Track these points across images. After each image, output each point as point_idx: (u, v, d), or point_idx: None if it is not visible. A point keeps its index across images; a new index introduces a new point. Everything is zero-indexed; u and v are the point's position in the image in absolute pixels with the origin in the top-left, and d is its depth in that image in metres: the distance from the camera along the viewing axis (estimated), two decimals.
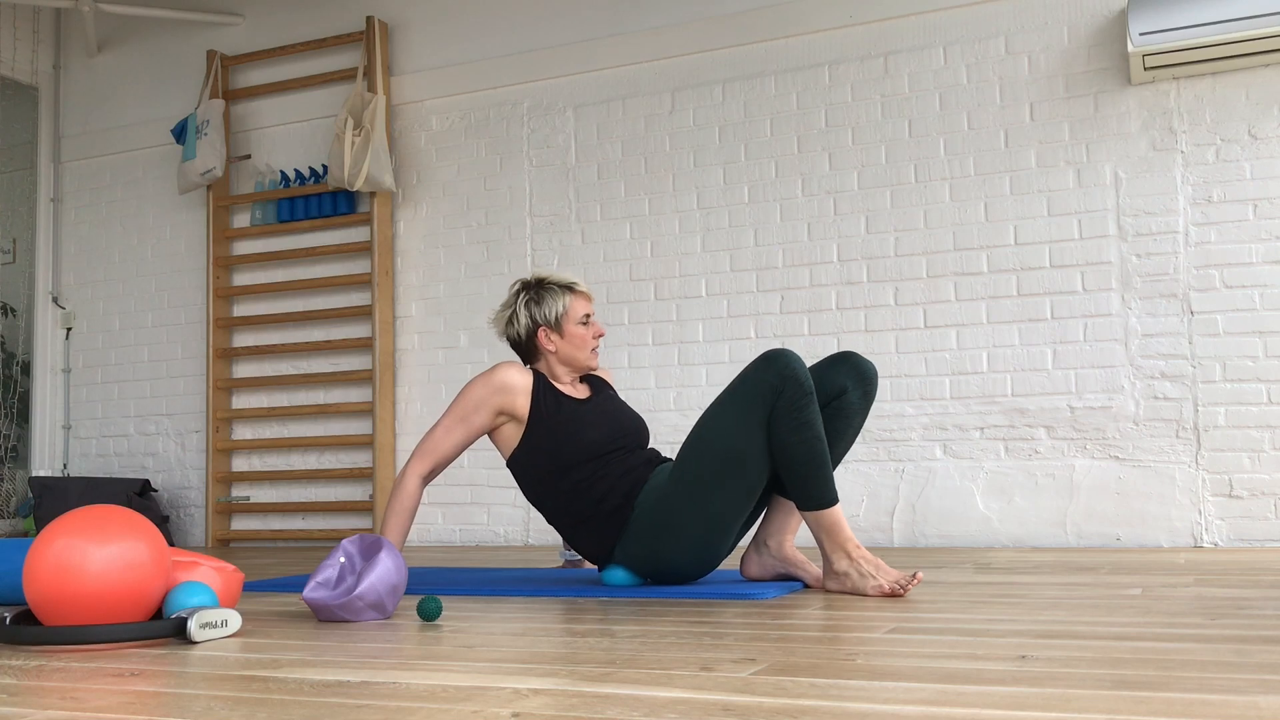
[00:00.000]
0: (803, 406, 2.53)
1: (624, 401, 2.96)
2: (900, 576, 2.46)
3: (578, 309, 2.85)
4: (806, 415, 2.54)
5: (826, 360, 2.78)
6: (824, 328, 4.48)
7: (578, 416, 2.78)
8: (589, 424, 2.77)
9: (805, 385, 2.55)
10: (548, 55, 5.03)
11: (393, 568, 2.28)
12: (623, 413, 2.88)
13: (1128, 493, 4.02)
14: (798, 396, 2.53)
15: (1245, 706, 1.24)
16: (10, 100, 6.07)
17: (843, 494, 4.37)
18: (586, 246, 4.91)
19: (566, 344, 2.84)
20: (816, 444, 2.54)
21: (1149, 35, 3.83)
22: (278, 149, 5.60)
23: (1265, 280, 3.91)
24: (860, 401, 2.74)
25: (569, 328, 2.84)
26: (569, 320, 2.84)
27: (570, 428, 2.76)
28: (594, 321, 2.88)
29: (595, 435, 2.76)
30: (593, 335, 2.87)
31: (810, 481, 2.53)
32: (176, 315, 5.73)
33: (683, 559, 2.70)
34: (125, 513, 2.02)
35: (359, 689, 1.48)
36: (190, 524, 5.63)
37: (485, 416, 2.77)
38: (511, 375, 2.77)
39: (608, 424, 2.80)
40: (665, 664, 1.62)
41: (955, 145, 4.34)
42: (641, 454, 2.81)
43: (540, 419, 2.77)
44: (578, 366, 2.88)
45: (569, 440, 2.75)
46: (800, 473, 2.54)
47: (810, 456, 2.53)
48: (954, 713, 1.24)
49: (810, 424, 2.54)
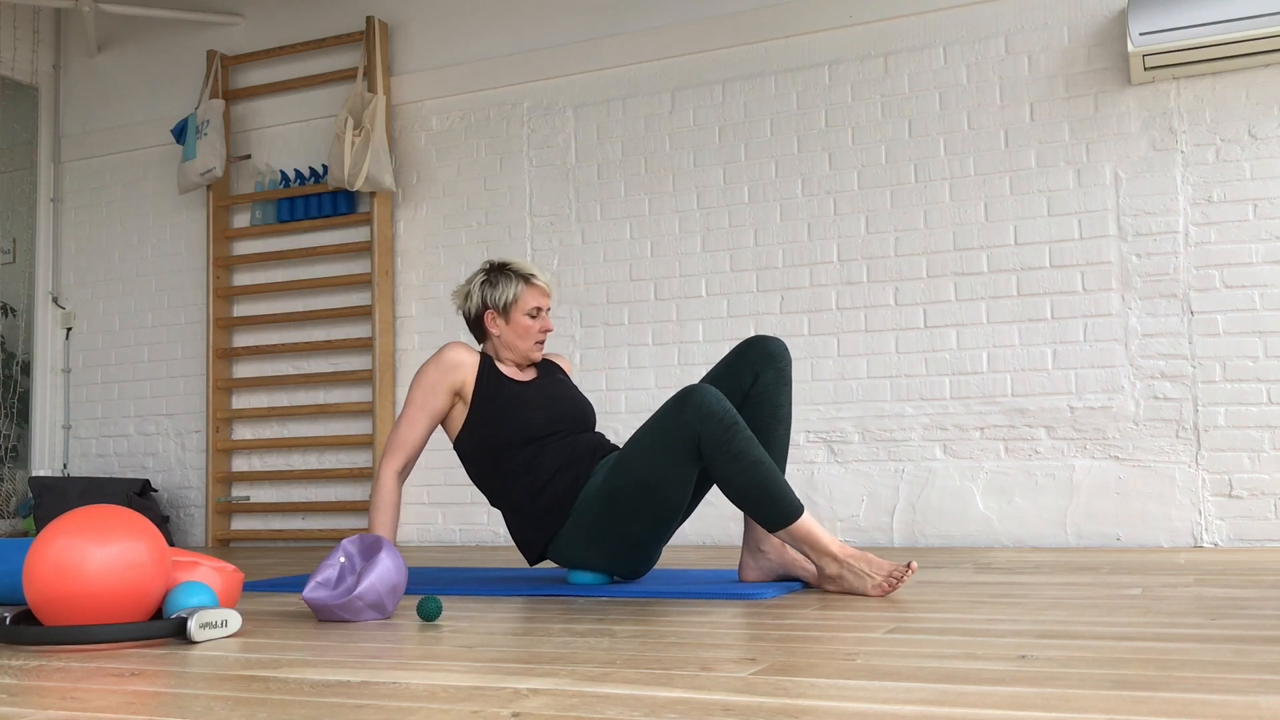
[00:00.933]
0: (729, 440, 2.51)
1: (573, 386, 3.01)
2: (893, 567, 2.46)
3: (528, 300, 2.91)
4: (735, 446, 2.51)
5: (732, 353, 2.81)
6: (824, 328, 4.48)
7: (517, 398, 2.84)
8: (528, 405, 2.83)
9: (724, 419, 2.52)
10: (548, 55, 5.03)
11: (393, 568, 2.28)
12: (565, 397, 2.92)
13: (1128, 493, 4.02)
14: (720, 432, 2.51)
15: (1245, 706, 1.24)
16: (10, 100, 6.07)
17: (843, 494, 4.37)
18: (586, 246, 4.91)
19: (510, 331, 2.91)
20: (755, 468, 2.51)
21: (1149, 35, 3.83)
22: (278, 149, 5.60)
23: (1265, 280, 3.91)
24: (775, 381, 2.76)
25: (516, 316, 2.90)
26: (517, 309, 2.90)
27: (510, 409, 2.82)
28: (545, 315, 2.93)
29: (533, 417, 2.82)
30: (539, 328, 2.92)
31: (764, 505, 2.52)
32: (176, 315, 5.73)
33: (609, 566, 2.80)
34: (125, 513, 2.02)
35: (359, 689, 1.48)
36: (190, 524, 5.63)
37: (442, 398, 2.84)
38: (459, 353, 2.86)
39: (547, 407, 2.86)
40: (665, 664, 1.62)
41: (955, 145, 4.34)
42: (584, 441, 2.85)
43: (481, 399, 2.84)
44: (518, 355, 2.94)
45: (506, 421, 2.81)
46: (751, 501, 2.53)
47: (754, 483, 2.51)
48: (954, 713, 1.24)
49: (742, 452, 2.51)
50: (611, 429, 4.71)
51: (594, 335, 4.86)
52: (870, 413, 4.39)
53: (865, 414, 4.40)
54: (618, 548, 2.75)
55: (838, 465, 4.42)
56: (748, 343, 2.80)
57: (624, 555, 2.77)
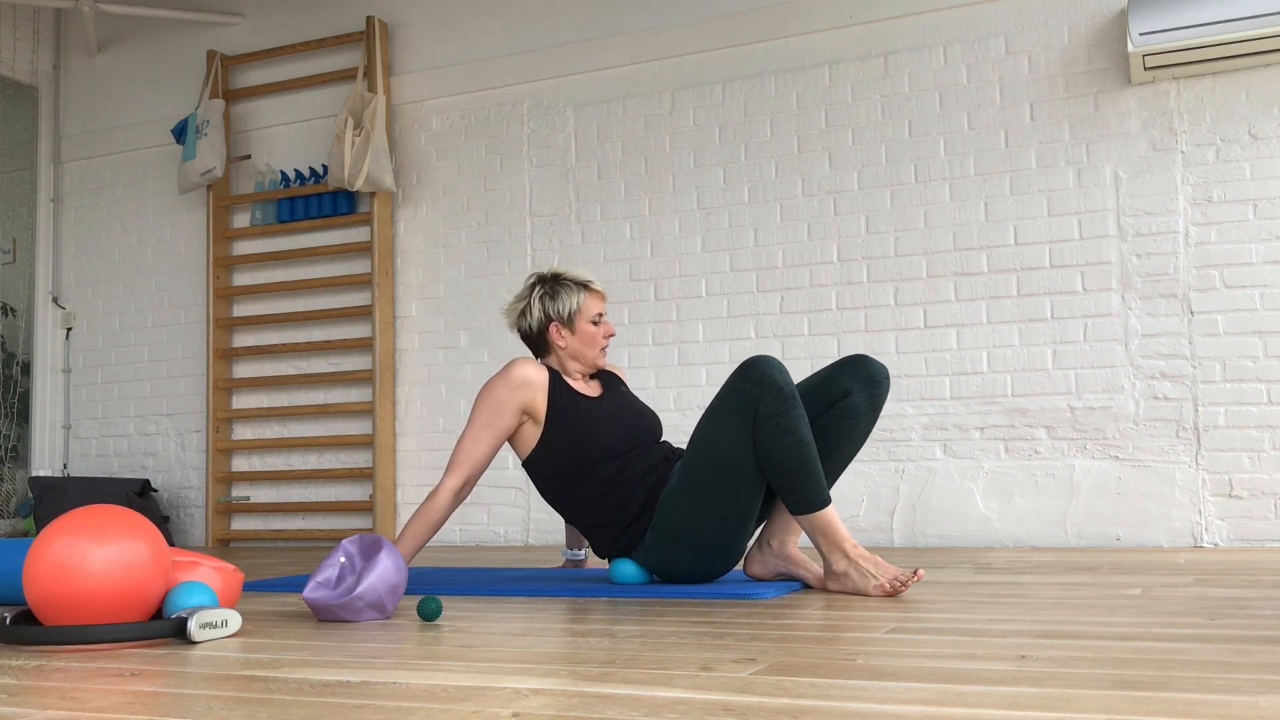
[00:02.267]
0: (783, 413, 2.52)
1: (635, 396, 2.97)
2: (900, 572, 2.46)
3: (591, 307, 2.87)
4: (787, 421, 2.52)
5: (838, 362, 2.78)
6: (824, 328, 4.48)
7: (595, 416, 2.77)
8: (606, 424, 2.77)
9: (784, 391, 2.53)
10: (548, 55, 5.03)
11: (393, 568, 2.28)
12: (636, 410, 2.89)
13: (1128, 493, 4.02)
14: (777, 404, 2.52)
15: (1245, 706, 1.24)
16: (10, 100, 6.07)
17: (842, 494, 4.37)
18: (586, 246, 4.90)
19: (577, 340, 2.85)
20: (800, 448, 2.52)
21: (1149, 35, 3.83)
22: (278, 149, 5.60)
23: (1265, 280, 3.91)
24: (866, 404, 2.72)
25: (581, 325, 2.85)
26: (581, 318, 2.86)
27: (589, 428, 2.75)
28: (605, 321, 2.90)
29: (612, 435, 2.76)
30: (603, 334, 2.89)
31: (797, 486, 2.53)
32: (176, 315, 5.73)
33: (699, 563, 2.74)
34: (125, 513, 2.02)
35: (359, 689, 1.48)
36: (190, 524, 5.63)
37: (510, 417, 2.74)
38: (529, 371, 2.76)
39: (624, 423, 2.80)
40: (665, 664, 1.62)
41: (955, 145, 4.34)
42: (658, 450, 2.82)
43: (558, 419, 2.76)
44: (586, 364, 2.89)
45: (587, 441, 2.74)
46: (787, 478, 2.54)
47: (796, 461, 2.52)
48: (954, 713, 1.24)
49: (791, 428, 2.52)
50: None
51: None
52: None
53: None
54: (706, 539, 2.69)
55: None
56: (854, 358, 2.76)
57: (713, 546, 2.71)
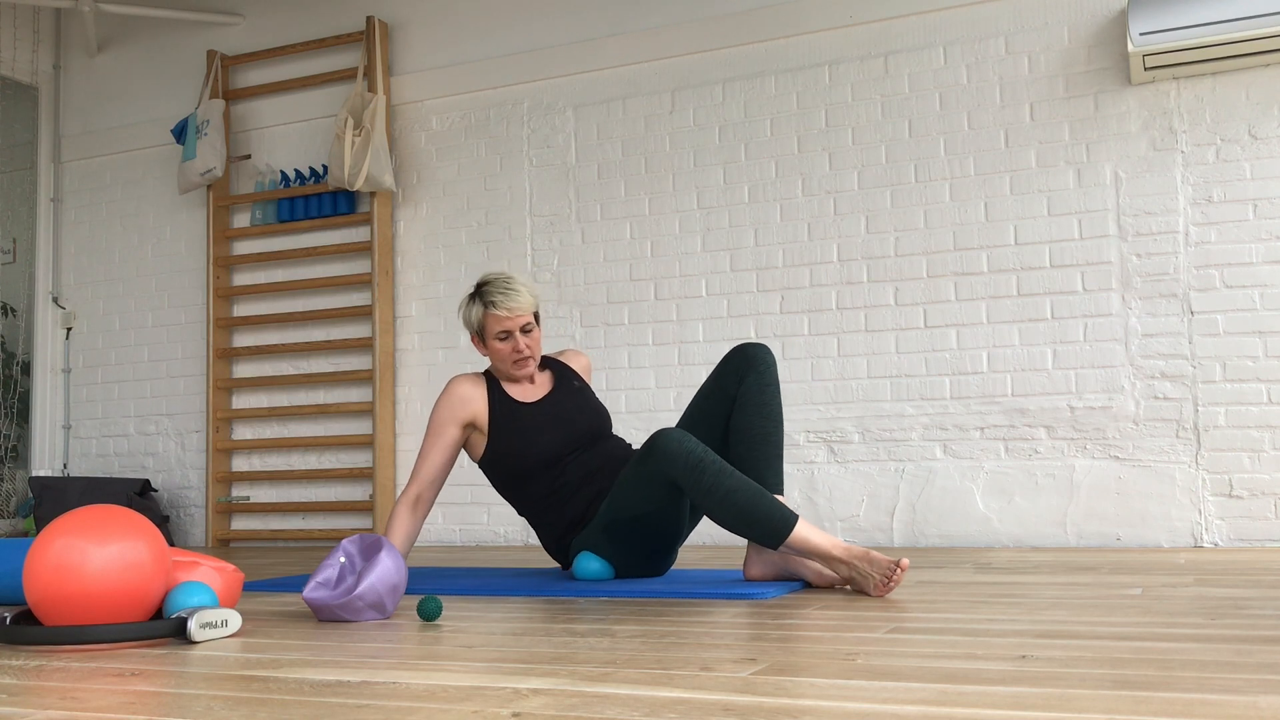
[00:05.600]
0: (698, 478, 2.56)
1: (584, 394, 3.01)
2: (887, 564, 2.46)
3: (491, 326, 2.89)
4: (705, 482, 2.55)
5: (721, 361, 2.89)
6: (824, 328, 4.48)
7: (530, 423, 2.88)
8: (542, 431, 2.87)
9: (689, 459, 2.56)
10: (548, 55, 5.03)
11: (393, 568, 2.28)
12: (575, 413, 2.94)
13: (1128, 493, 4.02)
14: (688, 473, 2.56)
15: (1245, 706, 1.24)
16: (10, 100, 6.07)
17: (843, 494, 4.38)
18: (586, 246, 4.91)
19: (490, 354, 2.93)
20: (732, 497, 2.54)
21: (1149, 35, 3.83)
22: (278, 149, 5.60)
23: (1265, 280, 3.91)
24: (757, 383, 2.82)
25: (488, 341, 2.92)
26: (486, 334, 2.91)
27: (525, 436, 2.87)
28: (517, 338, 2.87)
29: (548, 441, 2.87)
30: (511, 351, 2.88)
31: (754, 527, 2.56)
32: (176, 315, 5.73)
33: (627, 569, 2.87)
34: (125, 513, 2.02)
35: (359, 689, 1.48)
36: (190, 524, 5.63)
37: (453, 432, 2.88)
38: (464, 387, 2.90)
39: (559, 428, 2.89)
40: (665, 664, 1.62)
41: (955, 145, 4.34)
42: (601, 452, 2.90)
43: (497, 428, 2.88)
44: (504, 377, 2.96)
45: (525, 448, 2.86)
46: (741, 527, 2.58)
47: (735, 513, 2.55)
48: (954, 713, 1.24)
49: (714, 488, 2.55)
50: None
51: (594, 335, 4.86)
52: (870, 413, 4.39)
53: (865, 414, 4.40)
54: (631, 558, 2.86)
55: (838, 465, 4.42)
56: (732, 351, 2.88)
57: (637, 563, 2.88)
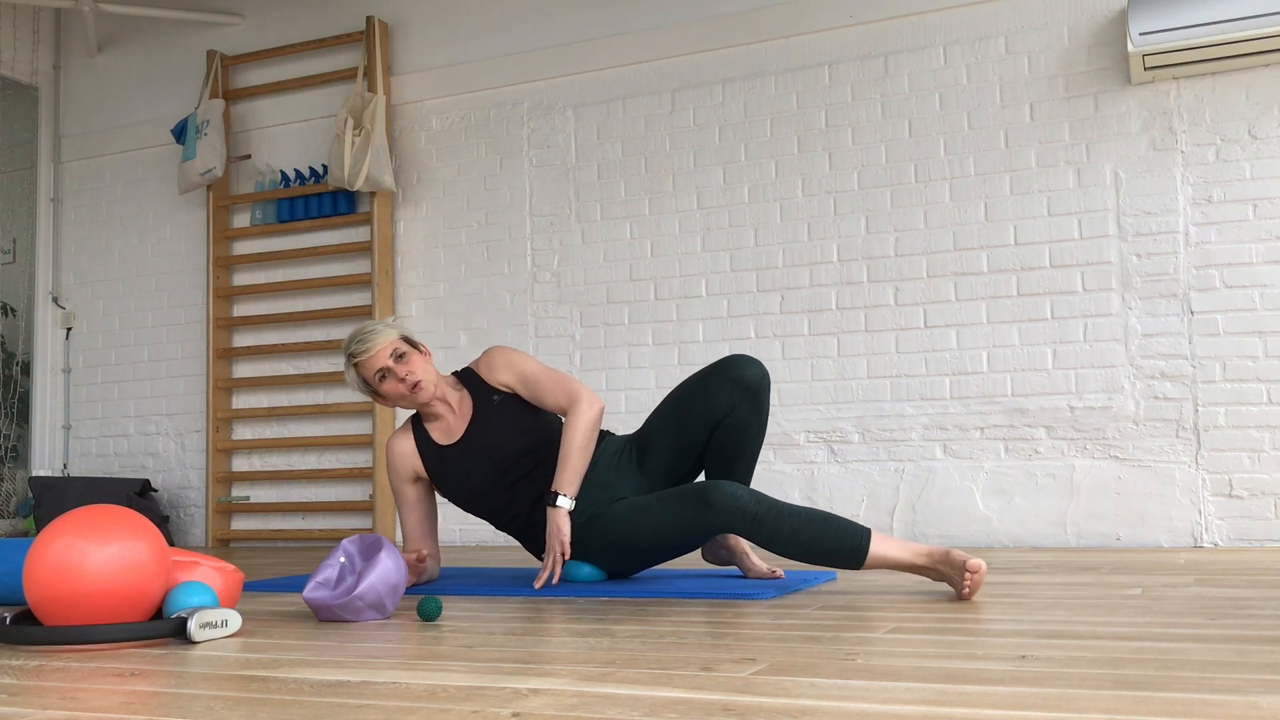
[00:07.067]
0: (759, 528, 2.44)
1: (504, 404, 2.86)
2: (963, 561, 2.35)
3: (366, 374, 2.80)
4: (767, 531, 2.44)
5: (713, 371, 2.75)
6: (824, 328, 4.48)
7: (459, 467, 2.85)
8: (469, 473, 2.84)
9: (747, 512, 2.45)
10: (548, 55, 5.03)
11: (393, 568, 2.28)
12: (498, 435, 2.82)
13: (1128, 493, 4.02)
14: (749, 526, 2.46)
15: (1245, 706, 1.24)
16: (10, 100, 6.07)
17: (843, 494, 4.38)
18: (586, 246, 4.90)
19: (391, 403, 2.86)
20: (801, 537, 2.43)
21: (1149, 35, 3.83)
22: (278, 149, 5.60)
23: (1265, 280, 3.91)
24: (751, 414, 2.74)
25: (379, 390, 2.81)
26: (373, 385, 2.81)
27: (458, 477, 2.86)
28: (393, 370, 2.77)
29: (479, 479, 2.83)
30: (397, 385, 2.78)
31: (830, 560, 2.45)
32: (176, 315, 5.73)
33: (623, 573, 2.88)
34: (125, 513, 2.02)
35: (359, 689, 1.48)
36: (190, 524, 5.63)
37: (408, 488, 2.91)
38: (397, 445, 2.89)
39: (484, 463, 2.82)
40: (665, 664, 1.62)
41: (955, 145, 4.34)
42: (547, 460, 2.82)
43: (434, 474, 2.89)
44: (423, 415, 2.91)
45: (461, 490, 2.87)
46: (817, 561, 2.47)
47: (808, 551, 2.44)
48: (954, 713, 1.24)
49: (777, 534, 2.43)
50: (611, 431, 4.70)
51: (594, 335, 4.86)
52: (870, 413, 4.39)
53: (865, 414, 4.40)
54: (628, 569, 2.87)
55: (838, 465, 4.42)
56: (727, 365, 2.73)
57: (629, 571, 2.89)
